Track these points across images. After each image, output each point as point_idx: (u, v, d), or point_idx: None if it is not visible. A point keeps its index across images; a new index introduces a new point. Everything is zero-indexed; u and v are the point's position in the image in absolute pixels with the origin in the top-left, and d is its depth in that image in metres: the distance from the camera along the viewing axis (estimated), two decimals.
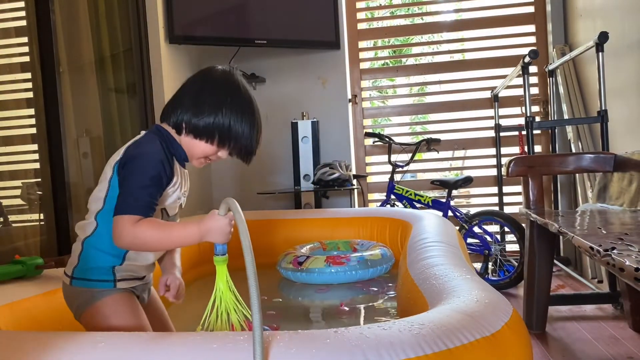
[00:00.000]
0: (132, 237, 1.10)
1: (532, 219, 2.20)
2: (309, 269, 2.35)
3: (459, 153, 4.27)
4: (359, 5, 4.03)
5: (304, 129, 3.50)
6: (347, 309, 2.05)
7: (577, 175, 3.31)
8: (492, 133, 3.80)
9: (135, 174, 1.14)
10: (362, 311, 2.07)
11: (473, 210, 3.35)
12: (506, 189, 3.72)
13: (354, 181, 3.51)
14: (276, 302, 2.22)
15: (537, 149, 3.84)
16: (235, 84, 1.23)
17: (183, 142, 1.24)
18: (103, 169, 1.25)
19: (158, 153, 1.17)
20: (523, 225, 2.81)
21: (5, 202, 2.30)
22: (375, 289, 2.30)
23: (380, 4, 4.86)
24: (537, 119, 3.78)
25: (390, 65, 4.95)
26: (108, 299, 1.20)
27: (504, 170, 2.46)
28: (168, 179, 1.19)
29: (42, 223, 2.35)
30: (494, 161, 3.77)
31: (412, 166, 3.68)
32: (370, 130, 3.88)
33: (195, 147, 1.23)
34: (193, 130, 1.20)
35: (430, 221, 2.32)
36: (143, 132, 1.27)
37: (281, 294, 2.36)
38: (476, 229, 3.20)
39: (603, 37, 2.50)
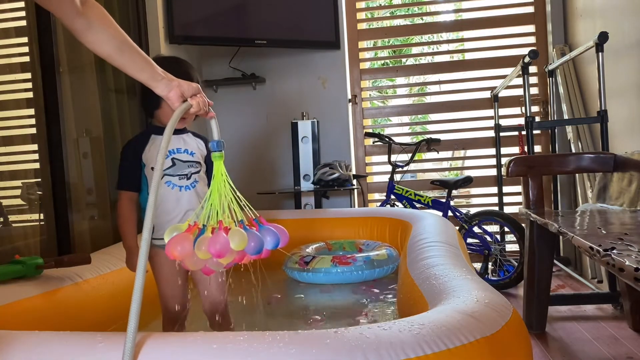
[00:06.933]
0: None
1: (532, 219, 2.20)
2: (315, 269, 2.34)
3: (459, 153, 4.27)
4: (359, 5, 4.03)
5: (304, 129, 3.50)
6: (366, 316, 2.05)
7: (577, 175, 3.31)
8: (492, 133, 3.80)
9: None
10: (362, 311, 2.07)
11: (473, 210, 3.35)
12: (506, 189, 3.72)
13: (354, 181, 3.51)
14: (278, 301, 2.22)
15: (537, 149, 3.84)
16: None
17: (160, 116, 1.61)
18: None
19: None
20: (523, 225, 2.81)
21: (5, 202, 2.30)
22: (376, 290, 2.30)
23: (380, 4, 4.87)
24: (537, 119, 3.78)
25: (390, 65, 4.96)
26: None
27: (503, 171, 2.45)
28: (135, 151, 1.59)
29: (42, 223, 2.34)
30: (493, 161, 3.77)
31: (412, 166, 3.68)
32: (370, 130, 3.88)
33: (167, 112, 1.53)
34: (150, 106, 1.61)
35: (430, 221, 2.32)
36: None
37: (284, 293, 2.35)
38: (476, 229, 3.20)
39: (603, 37, 2.50)
